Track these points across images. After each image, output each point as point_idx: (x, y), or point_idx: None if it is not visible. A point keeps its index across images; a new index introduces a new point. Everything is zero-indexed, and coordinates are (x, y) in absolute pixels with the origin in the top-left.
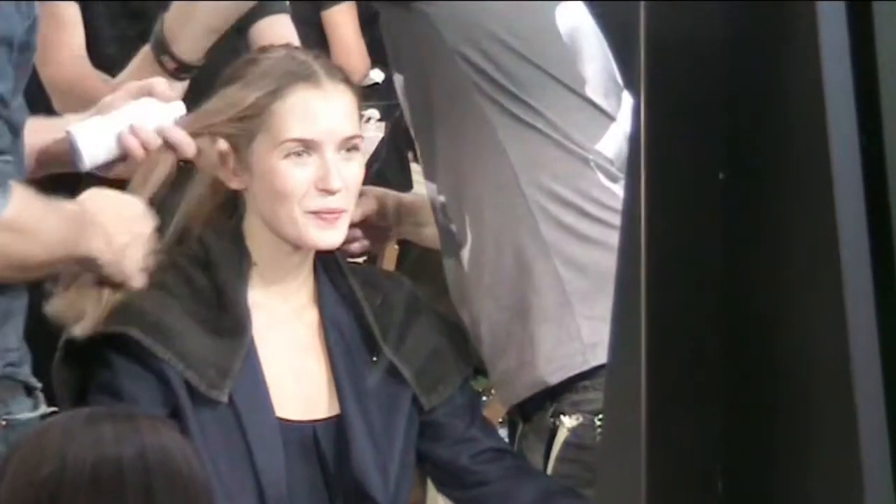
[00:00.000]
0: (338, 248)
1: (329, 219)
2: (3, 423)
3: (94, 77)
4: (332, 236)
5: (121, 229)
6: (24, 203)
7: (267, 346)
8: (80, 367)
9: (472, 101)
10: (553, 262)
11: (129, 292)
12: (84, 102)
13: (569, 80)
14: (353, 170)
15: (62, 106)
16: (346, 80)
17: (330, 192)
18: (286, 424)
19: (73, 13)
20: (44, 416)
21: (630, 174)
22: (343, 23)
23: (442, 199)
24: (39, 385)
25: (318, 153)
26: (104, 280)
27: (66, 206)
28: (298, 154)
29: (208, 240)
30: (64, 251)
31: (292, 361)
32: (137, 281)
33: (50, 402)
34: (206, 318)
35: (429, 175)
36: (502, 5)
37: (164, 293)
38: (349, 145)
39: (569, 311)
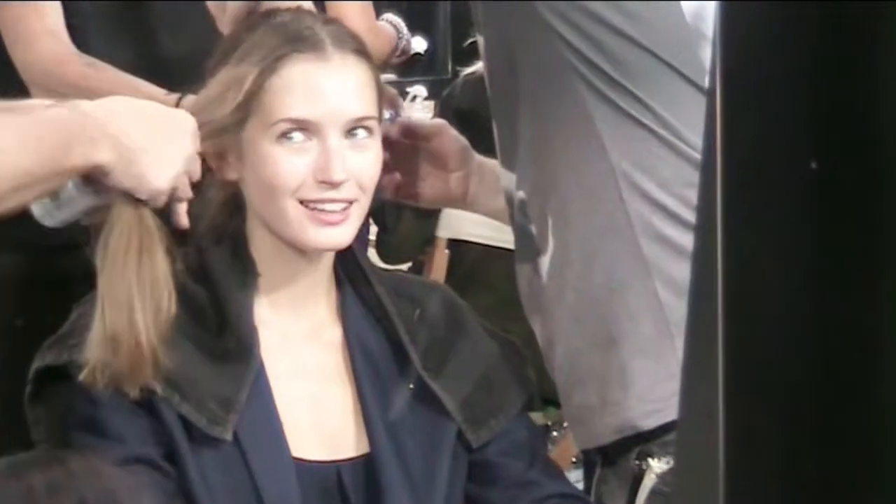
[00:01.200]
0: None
1: (331, 215)
2: None
3: (76, 60)
4: (334, 235)
5: (140, 139)
6: None
7: (279, 372)
8: (57, 400)
9: (569, 84)
10: (653, 283)
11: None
12: (64, 91)
13: (687, 68)
14: (364, 160)
15: (40, 96)
16: (360, 52)
17: (331, 185)
18: (304, 466)
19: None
20: None
21: (705, 169)
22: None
23: (521, 194)
24: None
25: (319, 137)
26: (126, 196)
27: (45, 112)
28: (295, 137)
29: (209, 248)
30: (45, 161)
31: (310, 390)
32: (163, 198)
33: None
34: (206, 341)
35: (507, 163)
36: None
37: None
38: (360, 129)
39: (669, 343)
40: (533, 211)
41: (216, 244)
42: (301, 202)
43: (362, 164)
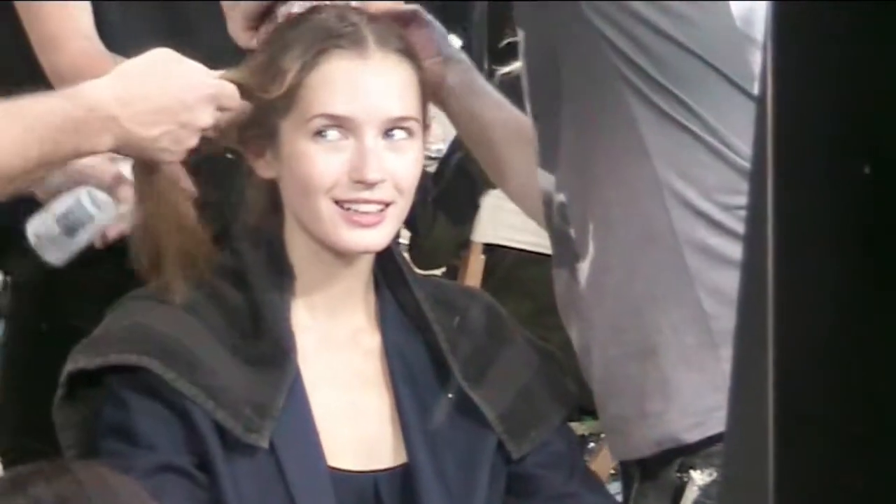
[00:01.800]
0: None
1: (365, 216)
2: None
3: (109, 61)
4: (369, 237)
5: (147, 120)
6: None
7: (316, 378)
8: (86, 406)
9: (613, 87)
10: (696, 292)
11: (143, 314)
12: None
13: (735, 73)
14: (402, 161)
15: None
16: (405, 51)
17: (365, 185)
18: (340, 475)
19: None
20: None
21: (754, 177)
22: None
23: (561, 197)
24: None
25: (356, 136)
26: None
27: (34, 107)
28: (330, 135)
29: (245, 250)
30: (32, 158)
31: (347, 398)
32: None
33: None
34: (241, 346)
35: (546, 164)
36: None
37: (189, 315)
38: (399, 130)
39: (713, 354)
40: (573, 215)
41: (253, 247)
42: (336, 202)
43: (400, 166)
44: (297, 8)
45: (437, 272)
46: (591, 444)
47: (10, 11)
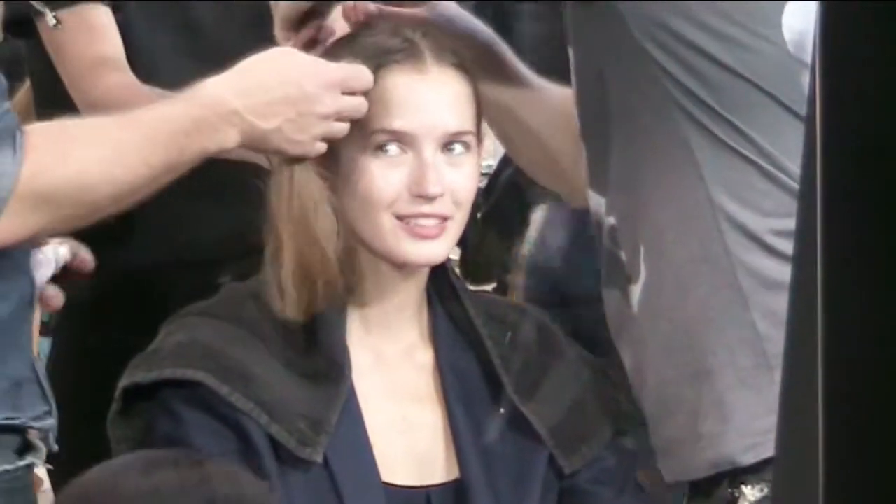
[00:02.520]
0: None
1: (426, 229)
2: None
3: (147, 93)
4: (430, 249)
5: (267, 112)
6: (44, 151)
7: (370, 393)
8: (141, 421)
9: (665, 111)
10: (751, 314)
11: (197, 329)
12: None
13: (788, 99)
14: (460, 175)
15: None
16: (461, 66)
17: (426, 199)
18: (394, 491)
19: (103, 18)
20: (30, 468)
21: (803, 198)
22: None
23: (612, 220)
24: (32, 425)
25: (415, 150)
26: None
27: (150, 114)
28: (391, 150)
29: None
30: (157, 165)
31: (401, 413)
32: (309, 155)
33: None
34: (295, 361)
35: (596, 186)
36: (707, 5)
37: (243, 329)
38: (457, 144)
39: (768, 376)
40: (624, 238)
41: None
42: (396, 216)
43: (458, 180)
44: (339, 22)
45: (488, 287)
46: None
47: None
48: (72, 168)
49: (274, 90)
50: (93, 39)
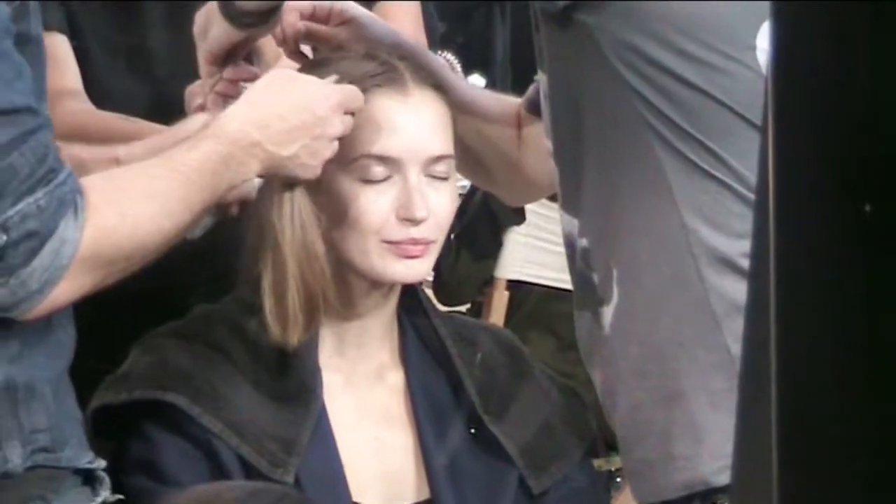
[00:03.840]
0: None
1: (413, 251)
2: None
3: (99, 118)
4: (416, 268)
5: (284, 140)
6: (104, 213)
7: (341, 414)
8: (112, 441)
9: (639, 135)
10: (723, 338)
11: (168, 350)
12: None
13: (761, 120)
14: (443, 198)
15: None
16: (439, 87)
17: (413, 222)
18: None
19: (62, 46)
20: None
21: (758, 218)
22: (400, 17)
23: (584, 242)
24: (99, 465)
25: (400, 174)
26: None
27: (188, 157)
28: (375, 174)
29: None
30: (196, 208)
31: (372, 434)
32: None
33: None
34: (267, 382)
35: (568, 208)
36: (681, 21)
37: (214, 351)
38: (439, 166)
39: None
40: (596, 260)
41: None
42: (384, 241)
43: (441, 202)
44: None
45: (462, 309)
46: (618, 480)
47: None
48: (128, 227)
49: (289, 118)
50: (53, 70)
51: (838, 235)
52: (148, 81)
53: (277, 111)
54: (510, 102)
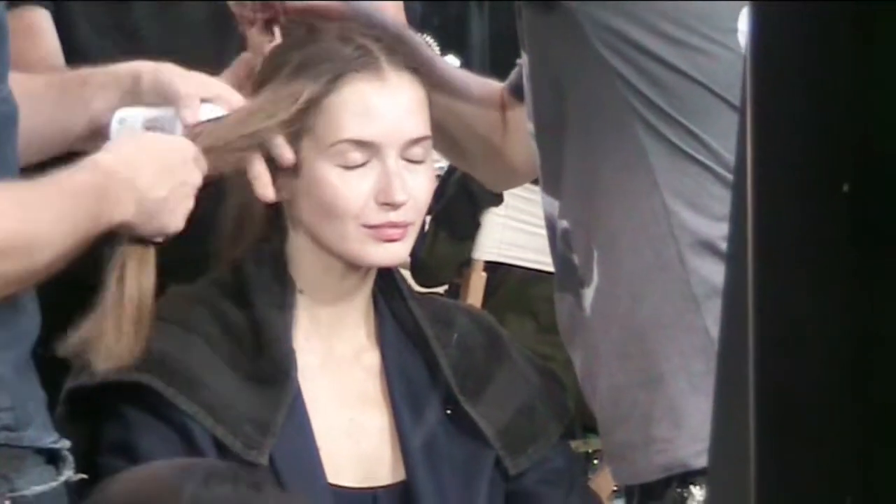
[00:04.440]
0: None
1: (392, 234)
2: (7, 503)
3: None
4: (395, 251)
5: (156, 182)
6: (5, 216)
7: (316, 396)
8: (88, 423)
9: (622, 118)
10: (703, 320)
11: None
12: None
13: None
14: (420, 181)
15: None
16: (415, 70)
17: (392, 206)
18: (340, 492)
19: (42, 21)
20: (68, 485)
21: (736, 197)
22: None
23: (565, 224)
24: (63, 445)
25: (378, 158)
26: (139, 239)
27: (74, 179)
28: (354, 159)
29: (246, 267)
30: (79, 234)
31: (348, 415)
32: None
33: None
34: (241, 363)
35: (549, 189)
36: (664, 4)
37: (190, 332)
38: (416, 149)
39: None
40: (577, 242)
41: (256, 264)
42: (363, 226)
43: (418, 185)
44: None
45: (440, 290)
46: (595, 462)
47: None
48: (26, 228)
49: (156, 162)
50: (31, 43)
51: (817, 215)
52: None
53: (145, 157)
54: (494, 86)
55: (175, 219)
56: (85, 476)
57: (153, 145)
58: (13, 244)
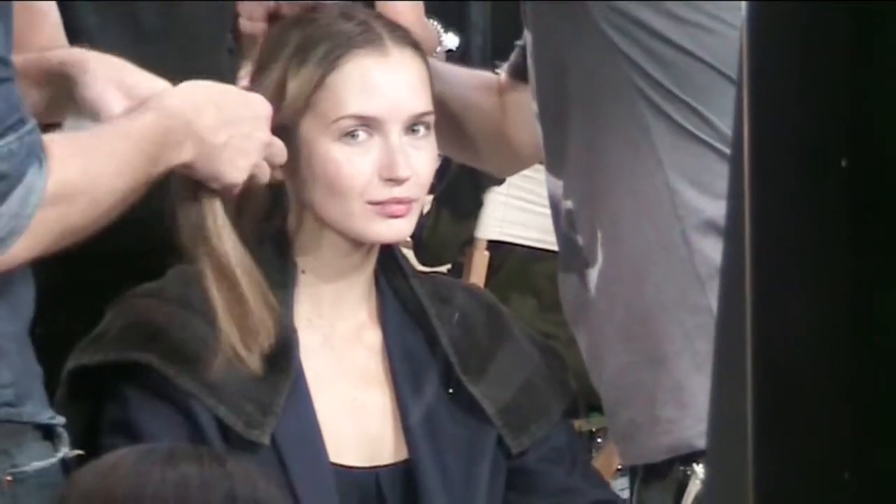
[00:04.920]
0: None
1: (397, 210)
2: (8, 478)
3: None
4: (399, 227)
5: (217, 128)
6: (67, 165)
7: (319, 375)
8: (89, 403)
9: (626, 97)
10: (707, 300)
11: (144, 311)
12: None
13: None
14: (424, 157)
15: None
16: (416, 46)
17: (396, 182)
18: (343, 472)
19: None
20: (65, 462)
21: (733, 173)
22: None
23: (568, 204)
24: (59, 421)
25: (382, 134)
26: (200, 183)
27: (137, 123)
28: (357, 135)
29: (247, 246)
30: (140, 178)
31: (350, 394)
32: (237, 189)
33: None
34: None
35: (553, 168)
36: None
37: (190, 311)
38: (419, 124)
39: None
40: (581, 222)
41: (257, 244)
42: (368, 202)
43: (421, 161)
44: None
45: (442, 269)
46: (599, 440)
47: None
48: (88, 183)
49: (224, 110)
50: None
51: (815, 191)
52: (135, 39)
53: (213, 99)
54: (487, 74)
55: (233, 170)
56: (82, 452)
57: (224, 95)
58: (77, 192)
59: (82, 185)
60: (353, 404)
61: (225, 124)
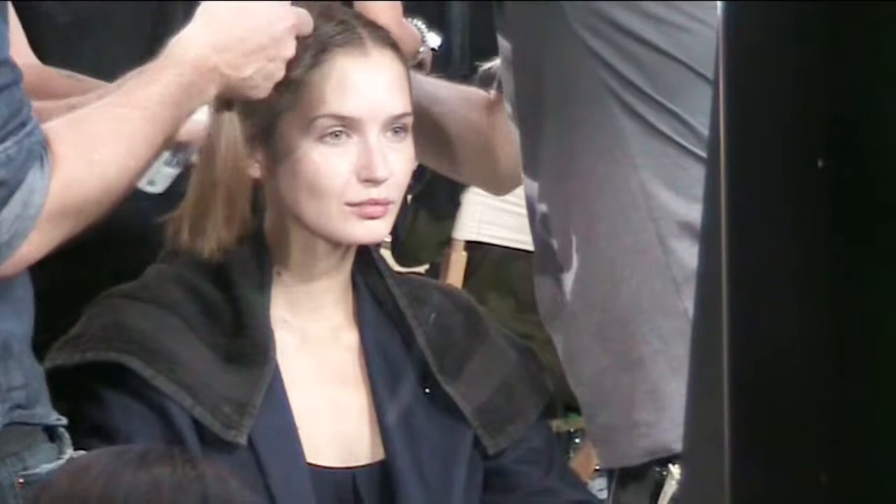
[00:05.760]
0: None
1: (374, 211)
2: (20, 480)
3: (55, 74)
4: (376, 228)
5: (243, 63)
6: (71, 162)
7: (295, 376)
8: (65, 403)
9: (600, 100)
10: (683, 303)
11: (121, 311)
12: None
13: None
14: (401, 158)
15: None
16: (395, 47)
17: (374, 183)
18: (319, 472)
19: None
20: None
21: (710, 175)
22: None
23: (543, 207)
24: (63, 422)
25: (360, 134)
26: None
27: (152, 89)
28: (335, 135)
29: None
30: (168, 133)
31: (327, 394)
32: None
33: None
34: (220, 343)
35: (529, 171)
36: None
37: (168, 312)
38: (397, 126)
39: None
40: (555, 226)
41: (236, 244)
42: (346, 204)
43: (399, 162)
44: None
45: (420, 270)
46: (577, 441)
47: None
48: (95, 175)
49: (248, 40)
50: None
51: (791, 191)
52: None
53: (237, 34)
54: (476, 91)
55: (258, 92)
56: (85, 453)
57: (246, 20)
58: (84, 186)
59: (88, 178)
60: (330, 404)
61: (249, 55)
